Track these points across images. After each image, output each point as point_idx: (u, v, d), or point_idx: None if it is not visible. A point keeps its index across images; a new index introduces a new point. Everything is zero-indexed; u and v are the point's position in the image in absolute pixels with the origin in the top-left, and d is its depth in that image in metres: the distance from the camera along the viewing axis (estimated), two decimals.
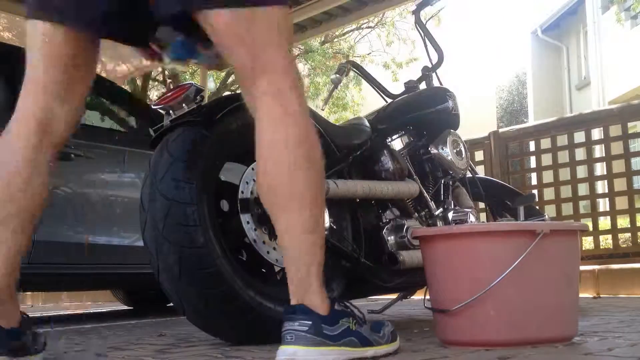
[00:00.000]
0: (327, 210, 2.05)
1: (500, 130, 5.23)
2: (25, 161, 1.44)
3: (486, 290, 1.51)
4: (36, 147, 1.46)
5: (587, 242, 4.87)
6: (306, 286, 1.37)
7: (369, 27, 14.09)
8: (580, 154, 4.56)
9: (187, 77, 11.98)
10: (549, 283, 1.59)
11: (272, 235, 1.91)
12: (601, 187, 5.01)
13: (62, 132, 1.51)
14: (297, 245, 1.38)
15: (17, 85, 1.50)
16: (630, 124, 4.39)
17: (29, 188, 1.44)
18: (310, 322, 1.34)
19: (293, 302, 1.38)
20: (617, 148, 4.41)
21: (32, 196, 1.45)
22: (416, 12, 2.98)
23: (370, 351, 1.44)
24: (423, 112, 2.64)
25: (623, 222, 4.59)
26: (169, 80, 12.81)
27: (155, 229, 1.68)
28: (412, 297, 2.82)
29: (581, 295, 3.43)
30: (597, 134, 4.68)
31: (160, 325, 2.80)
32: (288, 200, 1.36)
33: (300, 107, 1.40)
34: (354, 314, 1.44)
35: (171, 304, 2.14)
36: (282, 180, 1.36)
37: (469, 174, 2.74)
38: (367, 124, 2.49)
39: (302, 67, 15.06)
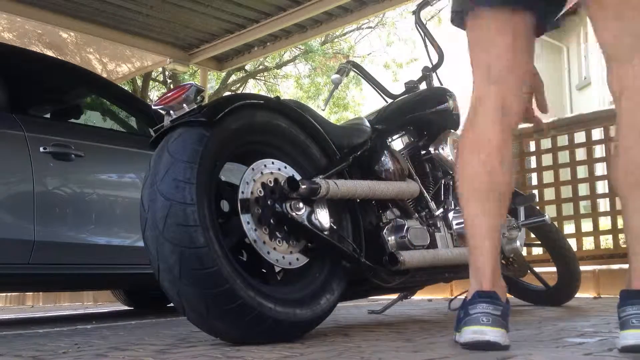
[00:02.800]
0: (327, 210, 2.05)
1: None
2: None
3: None
4: None
5: (588, 242, 4.86)
6: None
7: (369, 27, 14.12)
8: (580, 154, 4.55)
9: (187, 77, 11.99)
10: None
11: (272, 235, 1.91)
12: (601, 187, 5.00)
13: None
14: None
15: (17, 85, 1.50)
16: None
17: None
18: None
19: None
20: None
21: None
22: (416, 12, 2.98)
23: None
24: (423, 112, 2.64)
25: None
26: (169, 81, 12.83)
27: (156, 229, 1.68)
28: (412, 297, 2.82)
29: (581, 295, 3.44)
30: (597, 134, 4.67)
31: (160, 325, 2.80)
32: None
33: None
34: None
35: (171, 304, 2.14)
36: None
37: None
38: (367, 124, 2.48)
39: (303, 67, 15.07)
